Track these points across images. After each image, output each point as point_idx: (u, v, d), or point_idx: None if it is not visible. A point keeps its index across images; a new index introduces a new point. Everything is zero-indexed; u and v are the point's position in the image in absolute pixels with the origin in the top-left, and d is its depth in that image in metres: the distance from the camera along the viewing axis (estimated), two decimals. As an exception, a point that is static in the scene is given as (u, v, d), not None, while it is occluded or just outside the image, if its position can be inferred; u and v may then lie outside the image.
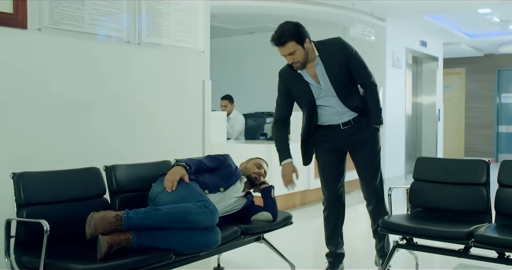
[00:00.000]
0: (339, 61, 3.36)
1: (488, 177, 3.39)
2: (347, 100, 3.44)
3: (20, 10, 3.17)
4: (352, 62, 3.38)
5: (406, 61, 9.02)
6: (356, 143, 3.51)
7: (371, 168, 3.53)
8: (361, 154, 3.52)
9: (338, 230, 3.62)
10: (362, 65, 3.43)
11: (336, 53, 3.37)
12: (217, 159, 3.39)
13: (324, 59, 3.37)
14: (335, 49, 3.39)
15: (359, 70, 3.41)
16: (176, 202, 2.80)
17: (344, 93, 3.42)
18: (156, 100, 4.07)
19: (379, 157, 3.57)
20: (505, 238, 2.88)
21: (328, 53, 3.37)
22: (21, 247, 2.57)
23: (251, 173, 3.51)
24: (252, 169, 3.54)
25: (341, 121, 3.48)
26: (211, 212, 2.75)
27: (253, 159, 3.64)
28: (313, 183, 6.44)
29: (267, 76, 9.12)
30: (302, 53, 3.31)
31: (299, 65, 3.35)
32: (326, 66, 3.37)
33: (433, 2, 7.06)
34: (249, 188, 3.52)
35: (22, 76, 3.22)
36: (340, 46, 3.39)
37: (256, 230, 3.31)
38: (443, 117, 10.74)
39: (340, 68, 3.38)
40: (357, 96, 3.47)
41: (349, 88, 3.45)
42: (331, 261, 3.62)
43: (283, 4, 7.03)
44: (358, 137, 3.49)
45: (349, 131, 3.49)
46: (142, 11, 3.91)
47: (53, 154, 3.35)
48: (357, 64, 3.40)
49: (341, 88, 3.41)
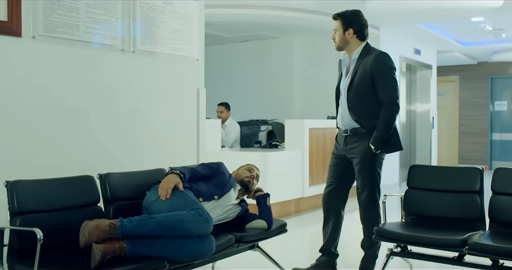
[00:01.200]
0: (366, 71, 3.48)
1: (482, 185, 3.40)
2: (353, 108, 3.53)
3: (14, 18, 3.17)
4: (380, 79, 3.46)
5: (400, 69, 9.04)
6: (350, 154, 3.58)
7: (360, 182, 3.59)
8: (355, 165, 3.60)
9: (335, 227, 3.70)
10: (388, 86, 3.47)
11: (368, 62, 3.49)
12: (211, 167, 3.38)
13: (359, 61, 3.53)
14: (371, 59, 3.50)
15: (382, 89, 3.47)
16: (171, 210, 2.80)
17: (353, 100, 3.53)
18: (151, 108, 4.06)
19: (373, 176, 3.56)
20: (499, 246, 2.89)
21: (365, 59, 3.52)
22: (14, 255, 2.56)
23: (244, 178, 3.52)
24: (244, 174, 3.55)
25: (343, 126, 3.61)
26: (205, 220, 2.74)
27: (244, 166, 3.66)
28: (307, 191, 6.44)
29: (262, 84, 9.17)
30: (340, 36, 3.60)
31: (335, 45, 3.64)
32: (356, 68, 3.52)
33: (427, 11, 7.09)
34: (244, 194, 3.52)
35: (16, 84, 3.21)
36: (376, 58, 3.49)
37: (250, 238, 3.31)
38: (437, 124, 10.77)
39: (363, 78, 3.48)
40: (368, 110, 3.50)
41: (362, 99, 3.51)
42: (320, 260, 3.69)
43: (277, 12, 7.05)
44: (353, 149, 3.55)
45: (347, 140, 3.57)
46: (136, 19, 3.91)
47: (47, 162, 3.34)
48: (383, 83, 3.47)
49: (353, 94, 3.52)
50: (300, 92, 8.80)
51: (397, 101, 3.46)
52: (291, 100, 8.88)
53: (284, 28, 8.21)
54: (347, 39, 3.57)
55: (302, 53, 8.70)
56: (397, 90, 3.49)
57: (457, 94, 12.59)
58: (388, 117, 3.44)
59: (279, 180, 5.95)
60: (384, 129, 3.44)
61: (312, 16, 7.18)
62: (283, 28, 8.26)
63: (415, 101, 10.30)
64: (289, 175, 6.20)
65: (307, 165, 6.45)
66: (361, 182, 3.58)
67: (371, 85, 3.46)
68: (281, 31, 8.54)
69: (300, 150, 6.41)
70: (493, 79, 12.21)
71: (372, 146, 3.46)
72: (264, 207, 3.45)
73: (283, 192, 6.03)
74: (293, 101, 8.86)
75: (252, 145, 7.67)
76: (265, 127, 7.98)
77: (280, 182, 5.97)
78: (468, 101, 12.43)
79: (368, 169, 3.54)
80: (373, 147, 3.46)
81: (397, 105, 3.46)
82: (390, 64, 3.51)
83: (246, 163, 3.70)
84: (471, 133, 12.39)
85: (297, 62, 8.84)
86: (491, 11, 7.10)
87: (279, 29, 8.34)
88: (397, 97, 3.47)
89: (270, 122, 8.00)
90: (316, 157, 6.58)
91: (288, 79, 8.90)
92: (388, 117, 3.44)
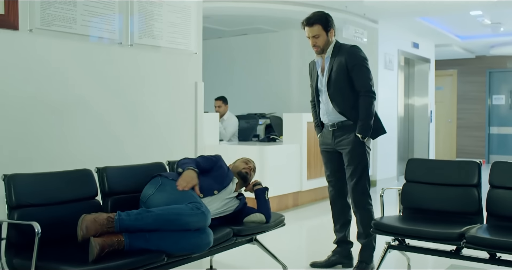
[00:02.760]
0: (342, 65, 3.60)
1: (480, 178, 3.41)
2: (335, 101, 3.65)
3: (11, 11, 3.15)
4: (354, 70, 3.60)
5: (398, 63, 9.04)
6: (340, 146, 3.68)
7: (351, 172, 3.66)
8: (345, 156, 3.68)
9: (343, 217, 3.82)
10: (362, 76, 3.61)
11: (343, 56, 3.62)
12: (210, 159, 3.39)
13: (334, 57, 3.64)
14: (345, 53, 3.63)
15: (357, 79, 3.61)
16: (168, 204, 2.80)
17: (334, 94, 3.66)
18: (149, 102, 4.06)
19: (363, 165, 3.65)
20: (496, 239, 2.89)
21: (339, 54, 3.64)
22: (12, 249, 2.55)
23: (241, 170, 3.51)
24: (241, 165, 3.54)
25: (328, 122, 3.74)
26: (203, 214, 2.74)
27: (240, 159, 3.66)
28: (305, 185, 6.45)
29: (260, 78, 9.15)
30: (324, 40, 3.65)
31: (318, 49, 3.69)
32: (331, 64, 3.63)
33: (425, 4, 7.08)
34: (241, 187, 3.52)
35: (13, 77, 3.21)
36: (350, 52, 3.64)
37: (248, 232, 3.31)
38: (435, 118, 10.77)
39: (339, 72, 3.61)
40: (350, 102, 3.63)
41: (342, 92, 3.64)
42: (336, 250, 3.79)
43: (275, 6, 7.03)
44: (342, 141, 3.66)
45: (335, 134, 3.70)
46: (134, 12, 3.90)
47: (45, 155, 3.34)
48: (357, 73, 3.61)
49: (333, 89, 3.65)
50: (298, 86, 8.78)
51: (372, 89, 3.61)
52: (289, 93, 8.87)
53: (283, 21, 8.18)
54: (329, 40, 3.68)
55: (300, 46, 8.67)
56: (371, 79, 3.64)
57: (455, 88, 12.59)
58: (367, 105, 3.58)
59: (277, 173, 5.95)
60: (366, 117, 3.58)
61: (311, 10, 7.06)
62: (282, 22, 8.24)
63: (413, 95, 10.30)
64: (287, 168, 6.20)
65: (305, 159, 6.45)
66: (352, 171, 3.65)
67: (348, 77, 3.60)
68: (279, 25, 8.52)
69: (298, 144, 6.41)
70: (491, 73, 12.21)
71: (359, 135, 3.57)
72: (263, 201, 3.45)
73: (281, 185, 6.03)
74: (291, 95, 8.84)
75: (250, 139, 7.67)
76: (263, 121, 7.97)
77: (278, 175, 5.98)
78: (466, 95, 12.43)
79: (357, 157, 3.62)
80: (360, 136, 3.57)
81: (373, 93, 3.61)
82: (362, 55, 3.66)
83: (242, 157, 3.71)
84: (469, 127, 12.40)
85: (295, 55, 8.81)
86: (490, 4, 7.10)
87: (277, 22, 8.32)
88: (372, 85, 3.62)
89: (268, 115, 8.00)
90: (314, 151, 6.58)
91: (286, 73, 8.88)
92: (367, 105, 3.58)
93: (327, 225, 4.18)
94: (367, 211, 3.64)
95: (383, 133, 3.79)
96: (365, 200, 3.65)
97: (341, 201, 3.81)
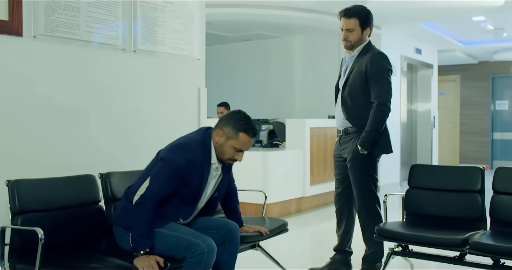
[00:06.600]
0: (361, 71, 3.43)
1: (483, 184, 3.40)
2: (345, 105, 3.52)
3: (15, 17, 3.17)
4: (373, 79, 3.39)
5: (401, 69, 9.05)
6: (344, 154, 3.60)
7: (352, 182, 3.59)
8: (347, 164, 3.59)
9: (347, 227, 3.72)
10: (380, 86, 3.40)
11: (365, 61, 3.44)
12: (168, 180, 2.73)
13: (357, 59, 3.48)
14: (368, 58, 3.44)
15: (374, 89, 3.40)
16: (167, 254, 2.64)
17: (346, 97, 3.51)
18: (152, 108, 4.06)
19: (363, 176, 3.53)
20: (500, 245, 2.88)
21: (362, 57, 3.47)
22: (15, 254, 2.56)
23: (226, 159, 2.80)
24: (229, 153, 2.78)
25: (338, 126, 3.63)
26: (209, 253, 2.58)
27: (236, 139, 2.77)
28: (308, 190, 6.45)
29: (263, 84, 9.16)
30: (358, 36, 3.45)
31: (348, 44, 3.49)
32: (353, 66, 3.48)
33: (428, 10, 7.10)
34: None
35: (17, 84, 3.21)
36: (372, 59, 3.42)
37: (251, 239, 3.30)
38: (438, 124, 10.76)
39: (357, 76, 3.45)
40: (359, 110, 3.47)
41: (355, 97, 3.48)
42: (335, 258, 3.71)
43: (278, 12, 7.05)
44: (345, 148, 3.57)
45: (341, 140, 3.60)
46: (137, 18, 3.91)
47: (48, 161, 3.34)
48: (376, 83, 3.39)
49: (347, 92, 3.50)
50: (301, 92, 8.80)
51: (388, 103, 3.40)
52: (292, 99, 8.88)
53: (285, 27, 8.20)
54: (363, 39, 3.49)
55: (303, 52, 8.69)
56: (389, 92, 3.42)
57: (458, 93, 12.58)
58: (377, 118, 3.38)
59: (280, 179, 5.95)
60: (372, 130, 3.39)
61: (313, 16, 7.17)
62: (284, 28, 8.26)
63: (416, 101, 10.30)
64: (290, 174, 6.20)
65: (308, 165, 6.45)
66: (353, 182, 3.59)
67: (365, 84, 3.42)
68: (282, 31, 8.53)
69: (301, 150, 6.41)
70: (494, 79, 12.20)
71: (359, 147, 3.44)
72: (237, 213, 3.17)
73: (284, 191, 6.03)
74: (294, 101, 8.85)
75: (253, 145, 7.66)
76: (266, 127, 7.98)
77: (281, 181, 5.97)
78: (469, 101, 12.42)
79: (357, 169, 3.53)
80: (360, 148, 3.43)
81: (387, 107, 3.40)
82: (386, 65, 3.44)
83: (245, 135, 2.82)
84: (472, 133, 12.38)
85: (298, 61, 8.83)
86: (492, 10, 7.10)
87: (280, 28, 8.34)
88: (388, 100, 3.40)
89: (271, 121, 8.00)
90: (317, 157, 6.58)
91: (289, 79, 8.89)
92: (377, 118, 3.38)
93: (330, 231, 4.17)
94: (369, 225, 3.51)
95: (388, 152, 3.57)
96: (367, 213, 3.56)
97: (347, 212, 3.73)
